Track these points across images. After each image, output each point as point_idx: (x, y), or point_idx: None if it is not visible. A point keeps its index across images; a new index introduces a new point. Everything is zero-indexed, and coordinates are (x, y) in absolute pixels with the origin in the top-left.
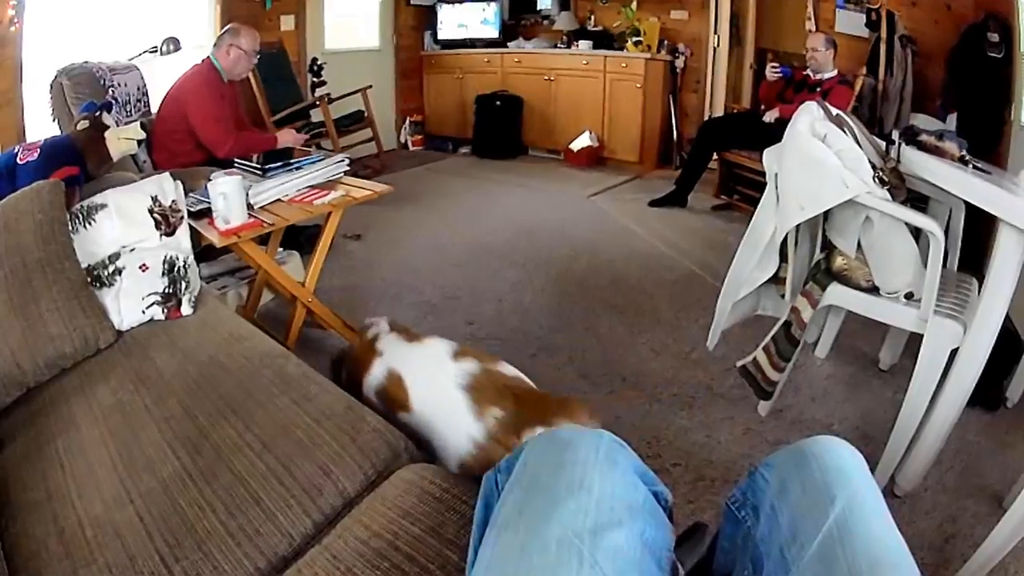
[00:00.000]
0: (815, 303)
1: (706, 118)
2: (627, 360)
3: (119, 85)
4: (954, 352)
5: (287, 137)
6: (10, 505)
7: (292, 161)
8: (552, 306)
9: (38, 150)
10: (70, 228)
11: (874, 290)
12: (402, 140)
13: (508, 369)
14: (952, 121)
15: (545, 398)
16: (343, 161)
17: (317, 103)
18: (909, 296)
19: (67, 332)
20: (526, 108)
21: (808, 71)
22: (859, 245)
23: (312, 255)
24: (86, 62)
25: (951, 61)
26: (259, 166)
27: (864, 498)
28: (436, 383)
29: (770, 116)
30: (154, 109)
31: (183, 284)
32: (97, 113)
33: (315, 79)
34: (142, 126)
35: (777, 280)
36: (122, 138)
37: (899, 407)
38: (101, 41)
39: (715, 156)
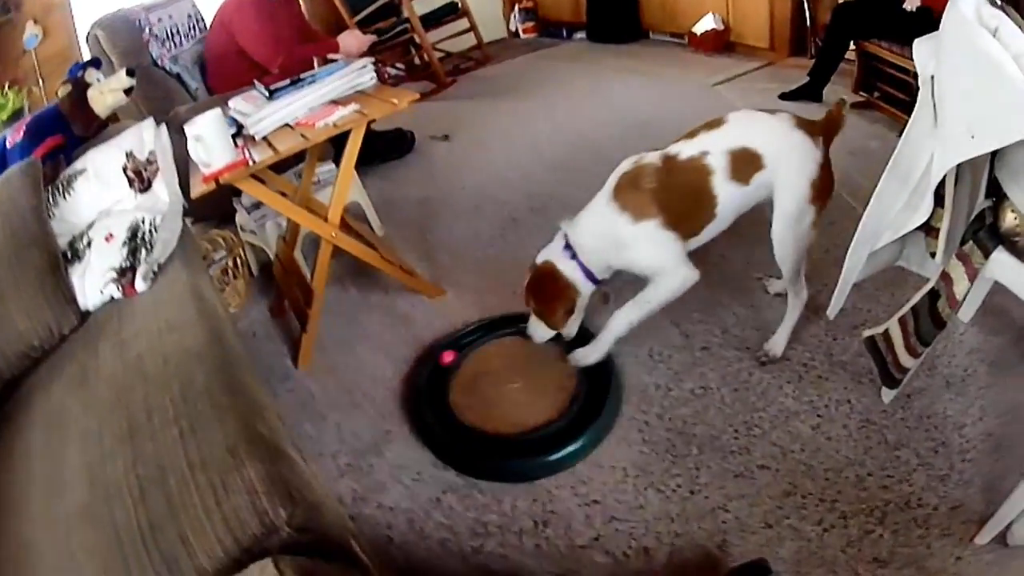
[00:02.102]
0: (973, 274)
1: (840, 1)
2: (733, 304)
3: (158, 21)
4: None
5: (350, 40)
6: None
7: (303, 76)
8: None
9: (23, 129)
10: (51, 203)
11: None
12: (512, 29)
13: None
14: None
15: (817, 123)
16: (366, 68)
17: None
18: None
19: (32, 326)
20: None
21: None
22: None
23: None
24: (119, 9)
25: None
26: (266, 89)
27: None
28: (780, 134)
29: (910, 3)
30: None
31: (143, 252)
32: (80, 74)
33: None
34: (128, 72)
35: (928, 229)
36: (106, 91)
37: None
38: None
39: (853, 46)
